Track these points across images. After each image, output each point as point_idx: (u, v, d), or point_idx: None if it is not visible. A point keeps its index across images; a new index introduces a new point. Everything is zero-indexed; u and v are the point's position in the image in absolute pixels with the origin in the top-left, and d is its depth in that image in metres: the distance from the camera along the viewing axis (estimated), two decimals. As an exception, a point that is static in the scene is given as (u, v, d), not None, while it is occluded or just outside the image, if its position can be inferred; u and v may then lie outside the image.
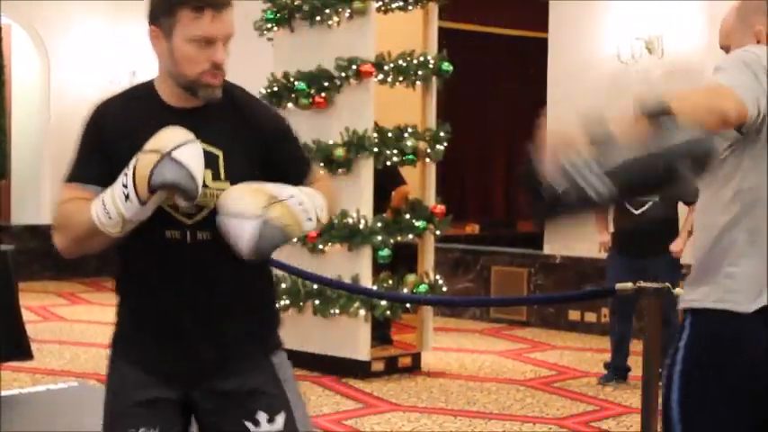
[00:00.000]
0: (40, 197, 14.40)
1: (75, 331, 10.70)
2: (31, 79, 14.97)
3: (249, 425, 3.12)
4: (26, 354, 9.17)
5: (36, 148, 14.83)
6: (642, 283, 5.74)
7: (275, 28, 8.98)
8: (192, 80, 2.97)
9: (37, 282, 13.34)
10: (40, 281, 13.44)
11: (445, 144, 8.81)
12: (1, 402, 7.56)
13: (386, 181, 8.83)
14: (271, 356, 3.20)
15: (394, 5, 8.56)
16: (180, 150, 2.78)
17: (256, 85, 9.00)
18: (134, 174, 2.79)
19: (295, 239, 8.69)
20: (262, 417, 3.14)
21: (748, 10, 3.63)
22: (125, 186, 2.81)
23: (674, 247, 8.14)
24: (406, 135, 8.53)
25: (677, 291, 5.87)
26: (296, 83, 8.74)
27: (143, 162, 2.78)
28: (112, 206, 2.84)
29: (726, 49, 3.62)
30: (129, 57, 14.58)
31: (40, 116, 14.63)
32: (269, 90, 8.92)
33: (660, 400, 3.37)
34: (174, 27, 2.93)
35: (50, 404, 7.52)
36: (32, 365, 8.90)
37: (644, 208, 8.19)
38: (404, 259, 8.86)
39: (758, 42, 3.48)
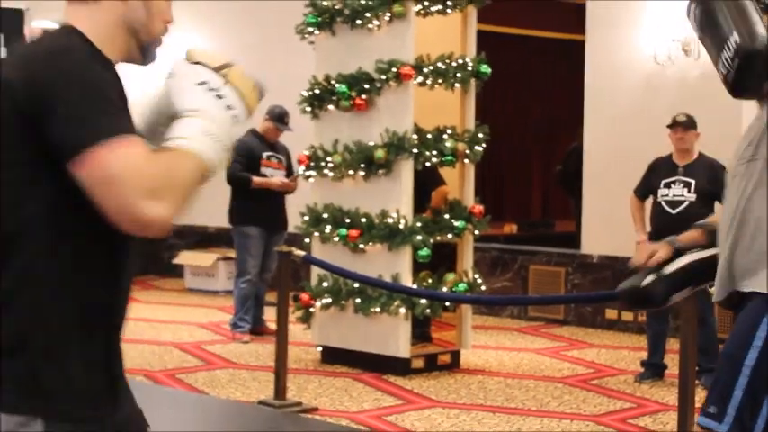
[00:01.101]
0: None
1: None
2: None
3: None
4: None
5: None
6: (679, 282, 5.72)
7: (316, 31, 9.00)
8: (155, 38, 2.53)
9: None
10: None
11: (483, 145, 8.80)
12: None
13: (425, 182, 8.83)
14: None
15: (433, 9, 8.55)
16: None
17: (298, 88, 9.07)
18: (237, 88, 2.36)
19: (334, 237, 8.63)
20: None
21: None
22: (230, 107, 2.35)
23: (711, 246, 8.08)
24: (445, 136, 8.53)
25: (712, 290, 5.85)
26: (337, 85, 8.76)
27: (239, 75, 2.39)
28: (225, 134, 2.36)
29: None
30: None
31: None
32: (310, 92, 8.94)
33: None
34: None
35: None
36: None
37: (681, 207, 8.15)
38: (443, 258, 8.84)
39: None
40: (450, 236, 8.72)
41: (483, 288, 8.98)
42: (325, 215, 8.79)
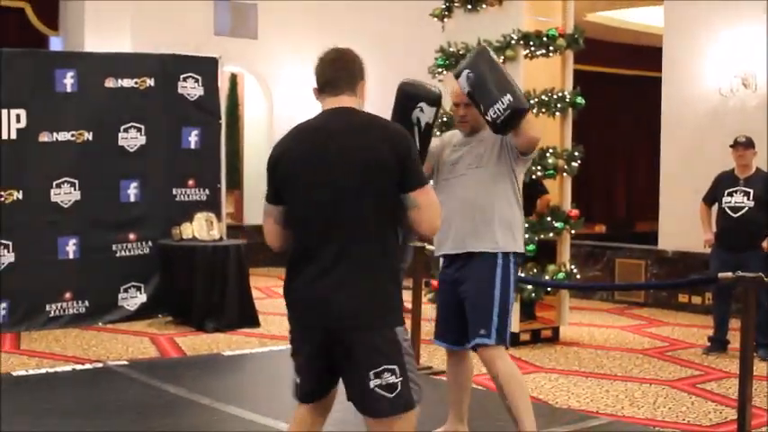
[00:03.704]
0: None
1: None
2: (258, 114, 15.34)
3: None
4: (255, 323, 9.44)
5: (262, 166, 15.10)
6: (741, 273, 5.60)
7: (444, 72, 9.02)
8: None
9: (263, 268, 13.64)
10: (266, 267, 13.73)
11: (579, 162, 8.71)
12: (235, 360, 7.78)
13: (532, 191, 8.76)
14: None
15: (538, 53, 8.50)
16: None
17: (430, 117, 9.06)
18: None
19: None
20: None
21: None
22: None
23: (767, 243, 7.88)
24: (547, 155, 8.47)
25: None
26: (461, 115, 8.74)
27: None
28: None
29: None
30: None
31: (264, 142, 14.89)
32: (440, 120, 8.95)
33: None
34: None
35: (274, 362, 7.70)
36: (260, 332, 9.14)
37: (741, 212, 7.97)
38: (546, 252, 8.78)
39: None
40: (551, 234, 8.66)
41: (578, 276, 8.89)
42: (451, 218, 8.78)
